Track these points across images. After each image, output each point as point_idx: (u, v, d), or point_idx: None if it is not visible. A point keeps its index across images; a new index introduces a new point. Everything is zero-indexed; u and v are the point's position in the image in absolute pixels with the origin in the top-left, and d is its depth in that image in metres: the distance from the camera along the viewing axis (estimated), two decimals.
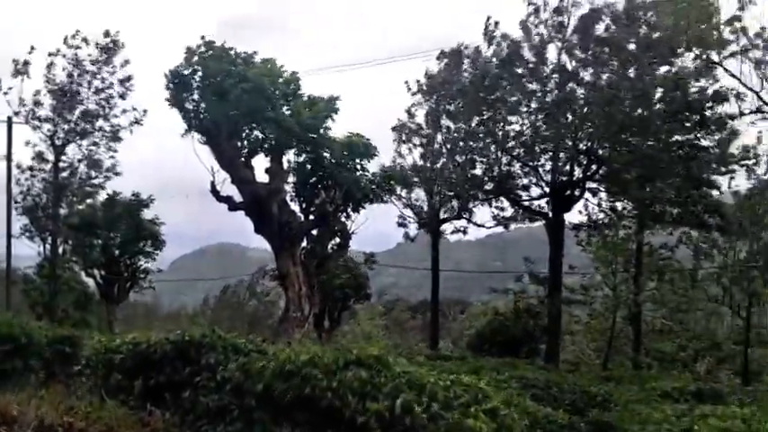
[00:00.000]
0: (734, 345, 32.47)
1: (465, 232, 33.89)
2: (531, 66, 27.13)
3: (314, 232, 22.25)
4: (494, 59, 28.18)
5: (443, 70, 30.98)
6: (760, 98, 25.61)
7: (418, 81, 32.41)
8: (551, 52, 27.41)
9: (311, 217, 22.35)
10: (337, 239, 23.10)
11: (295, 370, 7.23)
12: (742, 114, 25.82)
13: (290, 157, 22.87)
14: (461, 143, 30.74)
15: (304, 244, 21.98)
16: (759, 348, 32.54)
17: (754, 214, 26.66)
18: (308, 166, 23.16)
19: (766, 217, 27.29)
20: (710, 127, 25.56)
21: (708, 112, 25.48)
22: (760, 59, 25.14)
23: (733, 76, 25.51)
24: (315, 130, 21.62)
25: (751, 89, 25.60)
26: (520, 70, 27.40)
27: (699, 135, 25.92)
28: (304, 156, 22.95)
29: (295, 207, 22.74)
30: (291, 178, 23.16)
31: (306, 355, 7.54)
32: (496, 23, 28.00)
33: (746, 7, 24.79)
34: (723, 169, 25.86)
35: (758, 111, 25.79)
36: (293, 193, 23.23)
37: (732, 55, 25.31)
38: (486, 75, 28.12)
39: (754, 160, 26.86)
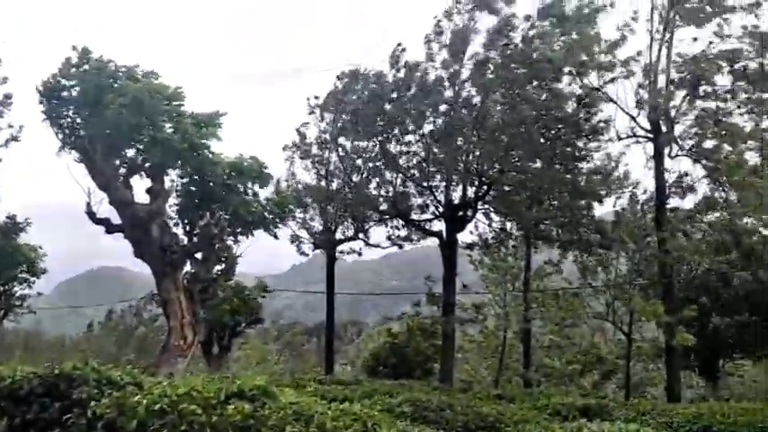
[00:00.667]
0: (617, 359, 33.95)
1: (360, 253, 33.83)
2: (427, 89, 27.53)
3: (198, 256, 21.25)
4: (392, 80, 28.45)
5: (340, 90, 30.99)
6: (635, 121, 27.16)
7: (314, 98, 32.37)
8: (447, 77, 27.96)
9: (195, 240, 21.39)
10: (223, 263, 22.21)
11: (171, 405, 6.69)
12: (620, 138, 27.24)
13: (173, 177, 21.93)
14: (357, 163, 30.78)
15: (188, 268, 20.96)
16: (640, 362, 34.17)
17: (631, 232, 27.94)
18: (193, 187, 22.26)
19: (643, 234, 28.71)
20: (591, 148, 26.71)
21: (589, 135, 26.63)
22: (640, 84, 26.74)
23: (611, 100, 26.94)
24: (200, 148, 20.73)
25: (627, 113, 27.14)
26: (413, 91, 27.74)
27: (579, 157, 26.99)
28: (188, 176, 22.00)
29: (178, 230, 21.84)
30: (174, 199, 22.22)
31: (183, 388, 7.01)
32: (403, 49, 28.41)
33: (625, 41, 26.34)
34: (604, 190, 27.02)
35: (633, 135, 27.32)
36: (176, 215, 22.33)
37: (612, 81, 26.72)
38: (384, 96, 28.33)
39: (632, 181, 28.39)
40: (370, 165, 30.18)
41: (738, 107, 25.64)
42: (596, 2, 26.43)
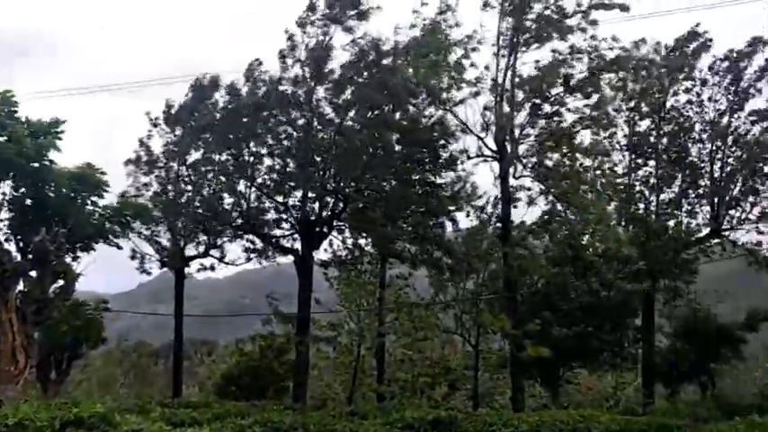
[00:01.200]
0: (465, 370, 35.21)
1: (213, 268, 32.79)
2: (283, 105, 27.34)
3: (32, 273, 19.66)
4: (247, 94, 27.99)
5: (190, 101, 30.08)
6: (483, 142, 28.46)
7: (165, 108, 31.19)
8: (303, 93, 27.93)
9: (29, 257, 19.80)
10: (60, 282, 20.72)
11: None
12: (469, 157, 28.42)
13: (5, 189, 20.20)
14: (209, 177, 29.92)
15: (21, 287, 19.34)
16: (487, 372, 35.63)
17: (476, 249, 29.09)
18: (28, 200, 20.60)
19: (488, 251, 30.07)
20: (442, 167, 27.67)
21: (442, 153, 27.58)
22: (486, 105, 28.07)
23: (460, 122, 28.09)
24: (37, 158, 19.24)
25: (475, 134, 28.39)
26: (270, 106, 27.46)
27: (434, 175, 27.90)
28: (23, 188, 20.34)
29: (10, 246, 20.13)
30: (6, 213, 20.47)
31: (14, 417, 6.42)
32: (260, 63, 27.96)
33: (473, 64, 27.63)
34: (454, 207, 28.04)
35: (481, 154, 28.61)
36: (8, 231, 20.56)
37: (461, 102, 27.88)
38: (239, 110, 27.80)
39: (480, 199, 29.71)
40: (223, 178, 29.48)
41: (573, 126, 27.53)
42: (449, 31, 27.60)
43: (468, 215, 29.91)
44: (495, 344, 34.09)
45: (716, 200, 34.08)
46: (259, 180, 28.98)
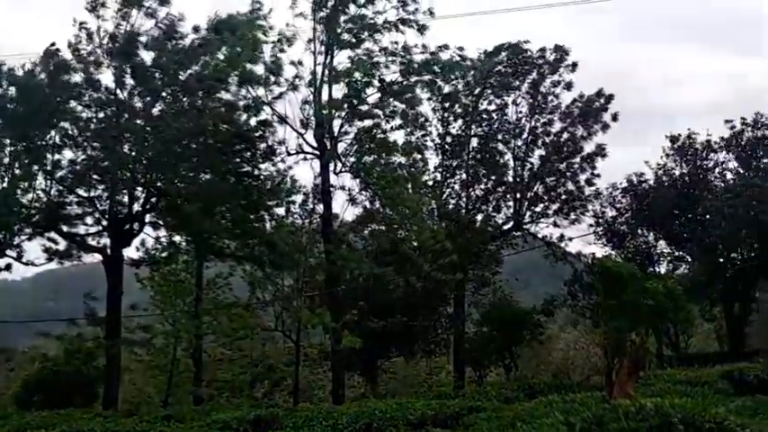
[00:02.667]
0: (286, 366, 35.09)
1: (9, 268, 29.79)
2: (81, 92, 25.50)
3: None
4: (45, 80, 25.77)
5: None
6: (303, 138, 28.47)
7: None
8: (106, 78, 26.29)
9: None
10: None
11: None
12: (289, 153, 28.30)
13: None
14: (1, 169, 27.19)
15: None
16: (307, 367, 35.78)
17: (297, 244, 29.03)
18: None
19: (309, 246, 30.15)
20: (261, 159, 27.26)
21: (259, 144, 27.15)
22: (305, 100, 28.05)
23: (280, 117, 27.88)
24: None
25: (295, 130, 28.32)
26: (69, 93, 25.52)
27: (252, 167, 27.41)
28: None
29: None
30: None
31: None
32: (57, 49, 25.81)
33: (285, 50, 27.42)
34: (275, 202, 27.78)
35: (302, 151, 28.62)
36: None
37: (279, 96, 27.64)
38: (35, 96, 25.50)
39: (301, 194, 29.68)
40: (18, 170, 26.91)
41: (387, 121, 28.33)
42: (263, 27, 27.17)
43: (289, 210, 29.79)
44: (316, 338, 34.30)
45: (519, 196, 36.90)
46: (61, 173, 26.80)
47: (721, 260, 35.36)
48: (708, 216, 34.98)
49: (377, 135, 26.73)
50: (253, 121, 27.03)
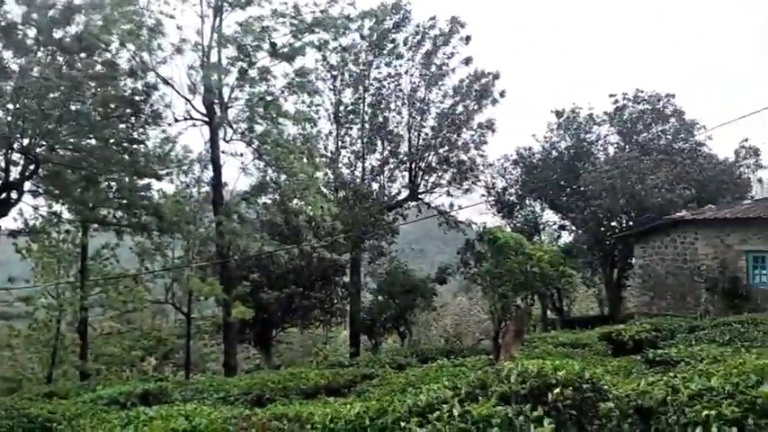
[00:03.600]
0: (177, 338, 34.38)
1: None
2: None
3: None
4: None
5: None
6: (191, 104, 27.40)
7: None
8: None
9: None
10: None
11: None
12: (177, 120, 27.20)
13: None
14: None
15: None
16: (200, 340, 35.19)
17: (186, 213, 28.18)
18: None
19: (200, 216, 29.42)
20: (145, 123, 25.99)
21: (143, 107, 25.87)
22: (192, 65, 26.90)
23: (165, 81, 26.64)
24: None
25: (182, 96, 27.17)
26: None
27: (137, 132, 26.14)
28: None
29: None
30: None
31: None
32: None
33: (171, 14, 26.19)
34: (162, 169, 26.72)
35: (190, 117, 27.55)
36: None
37: (164, 61, 26.38)
38: None
39: (190, 162, 28.77)
40: None
41: (282, 91, 27.70)
42: None
43: (177, 178, 28.86)
44: (208, 310, 33.75)
45: (413, 166, 37.42)
46: None
47: (602, 229, 37.31)
48: (590, 187, 36.73)
49: (269, 102, 26.07)
50: (138, 85, 25.68)
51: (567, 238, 41.06)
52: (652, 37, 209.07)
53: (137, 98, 25.06)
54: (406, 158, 37.20)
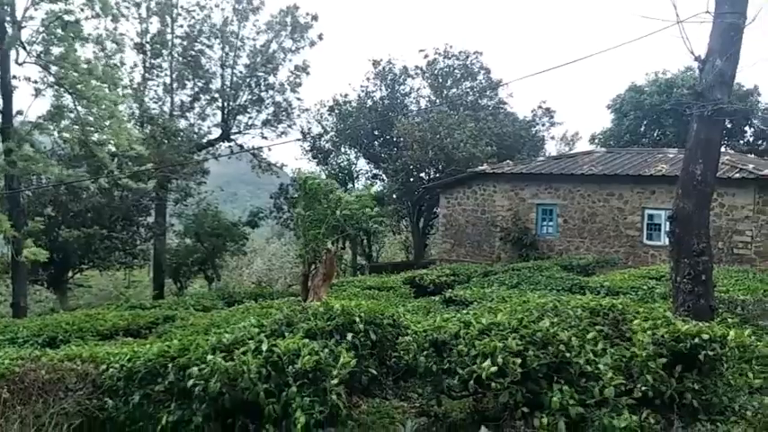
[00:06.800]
0: None
1: None
2: None
3: None
4: None
5: None
6: None
7: None
8: None
9: None
10: None
11: None
12: None
13: None
14: None
15: None
16: None
17: None
18: None
19: None
20: None
21: None
22: None
23: None
24: None
25: None
26: None
27: None
28: None
29: None
30: None
31: None
32: None
33: None
34: None
35: None
36: None
37: None
38: None
39: None
40: None
41: (82, 9, 25.18)
42: None
43: None
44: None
45: (226, 105, 36.21)
46: None
47: (411, 180, 38.78)
48: (402, 139, 37.87)
49: (68, 22, 23.66)
50: None
51: (379, 186, 42.20)
52: None
53: None
54: (218, 96, 35.85)
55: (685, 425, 6.26)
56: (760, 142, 43.51)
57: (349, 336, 7.26)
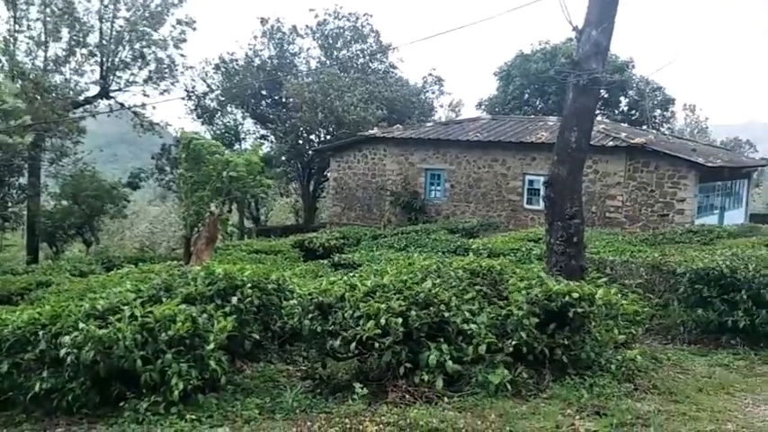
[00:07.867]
0: None
1: None
2: None
3: None
4: None
5: None
6: None
7: None
8: None
9: None
10: None
11: None
12: None
13: None
14: None
15: None
16: None
17: None
18: None
19: None
20: None
21: None
22: None
23: None
24: None
25: None
26: None
27: None
28: None
29: None
30: None
31: None
32: None
33: None
34: None
35: None
36: None
37: None
38: None
39: None
40: None
41: None
42: None
43: None
44: None
45: (105, 60, 34.22)
46: None
47: (300, 142, 38.35)
48: (291, 100, 37.28)
49: None
50: None
51: (267, 148, 41.44)
52: None
53: None
54: (96, 50, 33.78)
55: (555, 378, 6.62)
56: (633, 112, 46.03)
57: (234, 299, 7.16)
